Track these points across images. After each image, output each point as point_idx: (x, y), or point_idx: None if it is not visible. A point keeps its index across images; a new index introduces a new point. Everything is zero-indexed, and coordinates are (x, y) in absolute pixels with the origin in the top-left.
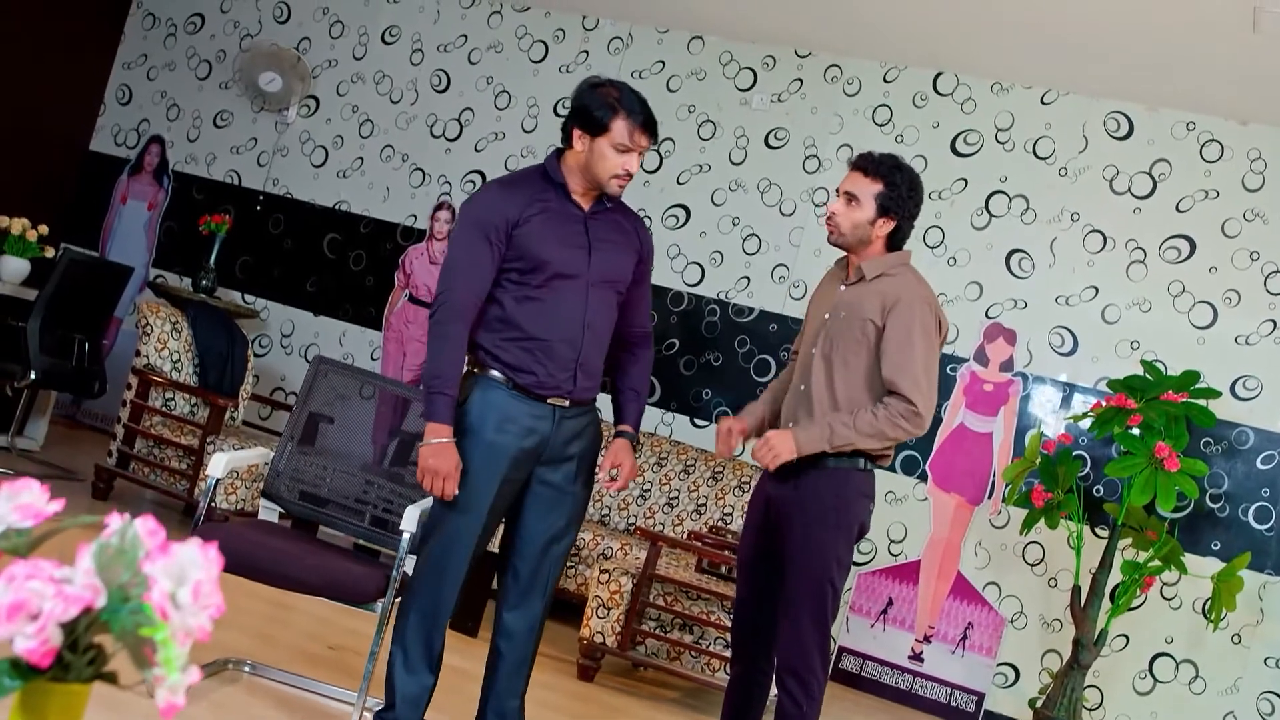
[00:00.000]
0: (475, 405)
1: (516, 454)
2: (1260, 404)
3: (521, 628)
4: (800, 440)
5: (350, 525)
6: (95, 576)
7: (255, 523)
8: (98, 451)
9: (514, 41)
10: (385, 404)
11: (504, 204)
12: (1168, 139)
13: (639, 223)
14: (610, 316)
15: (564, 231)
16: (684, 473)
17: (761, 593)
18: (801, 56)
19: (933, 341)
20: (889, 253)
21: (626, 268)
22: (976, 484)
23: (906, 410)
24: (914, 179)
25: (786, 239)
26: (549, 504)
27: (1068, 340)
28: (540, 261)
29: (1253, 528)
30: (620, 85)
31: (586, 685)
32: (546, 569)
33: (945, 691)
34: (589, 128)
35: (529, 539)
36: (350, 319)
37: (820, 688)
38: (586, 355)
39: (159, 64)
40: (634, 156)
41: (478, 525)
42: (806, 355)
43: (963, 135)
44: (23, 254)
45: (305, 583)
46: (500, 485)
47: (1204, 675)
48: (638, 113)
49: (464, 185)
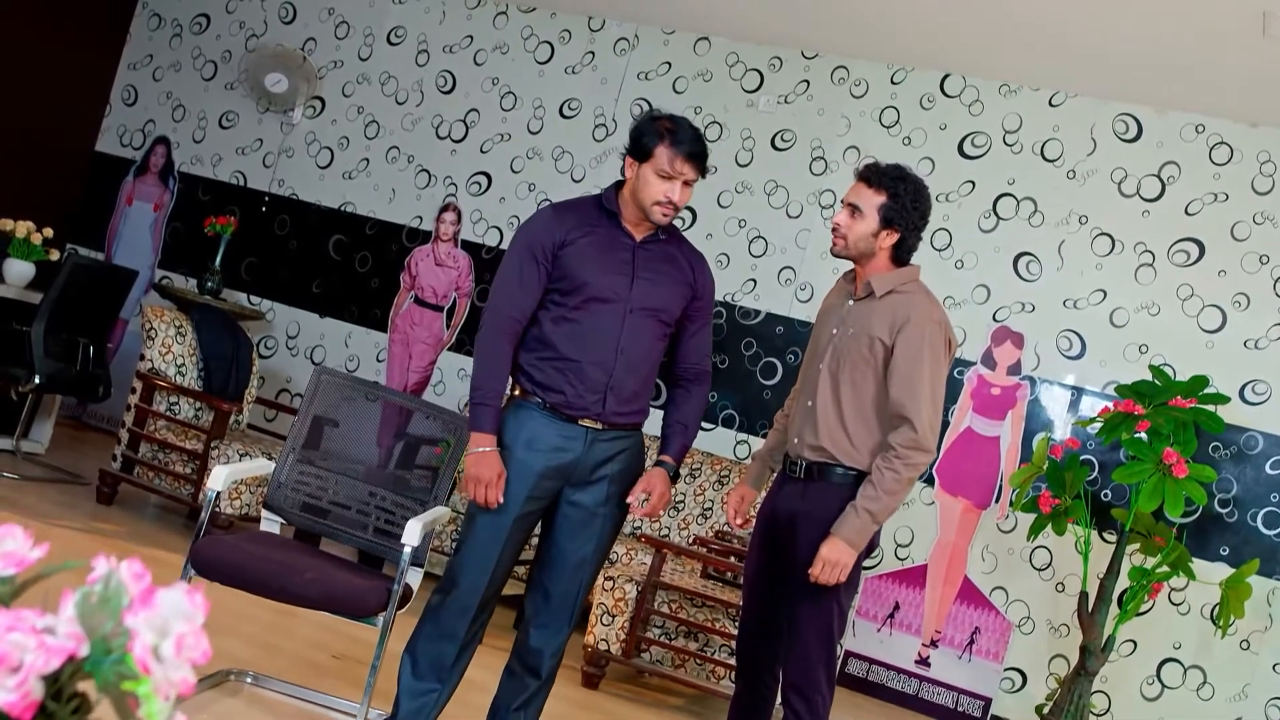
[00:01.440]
0: (510, 425)
1: (543, 470)
2: (1269, 408)
3: (546, 648)
4: (848, 537)
5: (352, 537)
6: (78, 625)
7: (256, 535)
8: (103, 453)
9: (519, 42)
10: (388, 413)
11: (553, 226)
12: (1177, 141)
13: (698, 261)
14: (651, 345)
15: (609, 257)
16: (689, 477)
17: (767, 608)
18: (808, 58)
19: (941, 365)
20: (896, 265)
21: (672, 300)
22: (984, 488)
23: (910, 442)
24: (919, 190)
25: (793, 241)
26: (578, 525)
27: (1076, 344)
28: (579, 283)
29: (1262, 533)
30: (678, 119)
31: (591, 693)
32: (574, 590)
33: (952, 696)
34: (637, 154)
35: (560, 559)
36: (356, 321)
37: (826, 706)
38: (619, 379)
39: (165, 65)
40: (677, 185)
41: (500, 539)
42: (813, 370)
43: (970, 137)
44: (27, 257)
45: (305, 597)
46: (526, 501)
47: (1212, 681)
48: (684, 143)
49: (469, 187)
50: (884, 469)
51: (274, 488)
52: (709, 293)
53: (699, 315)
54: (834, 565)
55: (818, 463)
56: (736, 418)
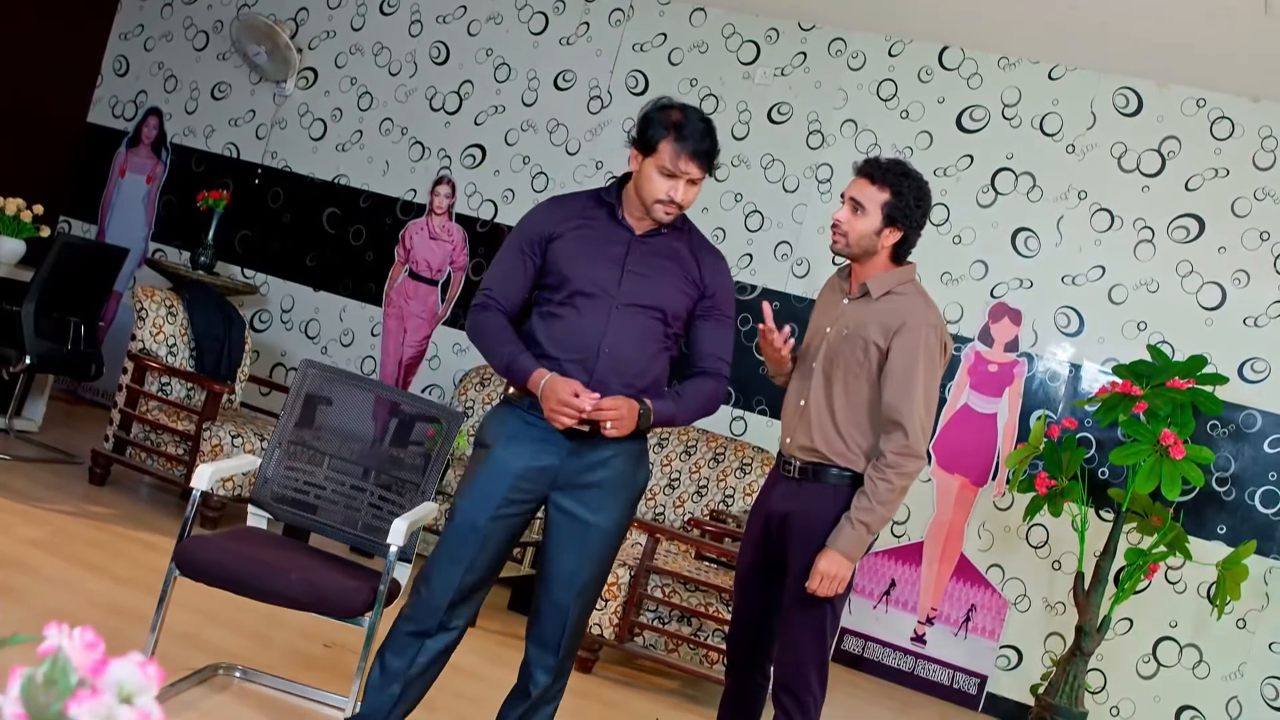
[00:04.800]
0: (492, 423)
1: (522, 471)
2: (1268, 386)
3: (537, 665)
4: (845, 550)
5: (340, 532)
6: (21, 706)
7: (243, 532)
8: (97, 430)
9: (513, 13)
10: (379, 408)
11: (546, 218)
12: (1177, 116)
13: (709, 255)
14: (643, 343)
15: (600, 251)
16: (685, 454)
17: (759, 607)
18: (805, 29)
19: (936, 369)
20: (894, 264)
21: (670, 297)
22: (980, 465)
23: (903, 449)
24: (921, 187)
25: (789, 216)
26: (570, 537)
27: (1074, 320)
28: (563, 277)
29: (1259, 511)
30: (689, 110)
31: (584, 677)
32: (565, 606)
33: (948, 674)
34: (642, 146)
35: (549, 570)
36: (350, 294)
37: (817, 707)
38: (601, 379)
39: (156, 35)
40: (680, 184)
41: (473, 538)
42: (807, 367)
43: (968, 111)
44: (18, 234)
45: (291, 598)
46: (502, 502)
47: (1208, 659)
48: (690, 139)
49: (463, 159)
50: (877, 479)
51: (260, 483)
52: (723, 289)
53: (711, 313)
54: (831, 578)
55: (811, 463)
56: (733, 394)
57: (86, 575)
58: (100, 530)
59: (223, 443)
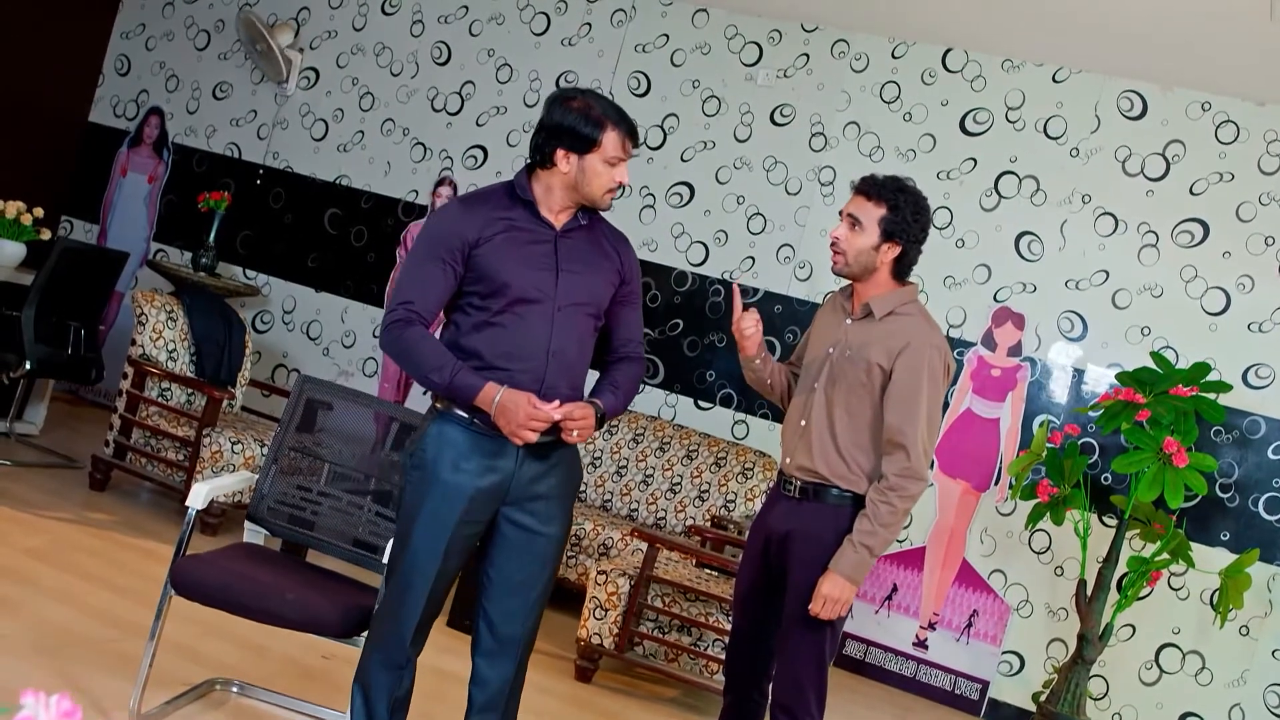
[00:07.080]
0: (431, 442)
1: (474, 494)
2: (1272, 393)
3: (496, 679)
4: (847, 573)
5: (336, 548)
6: None
7: (239, 550)
8: (98, 432)
9: (515, 13)
10: (378, 424)
11: (463, 223)
12: (1182, 119)
13: (621, 243)
14: (583, 342)
15: (529, 252)
16: (686, 458)
17: (759, 625)
18: (808, 31)
19: (939, 391)
20: (895, 282)
21: (601, 291)
22: (983, 470)
23: (905, 471)
24: (919, 202)
25: (792, 218)
26: (519, 547)
27: (1077, 325)
28: (500, 284)
29: (1263, 518)
30: (595, 95)
31: (584, 687)
32: (522, 618)
33: (950, 679)
34: (576, 146)
35: (500, 582)
36: (352, 295)
37: None
38: (551, 385)
39: (157, 34)
40: (624, 167)
41: (432, 568)
42: (808, 387)
43: (972, 114)
44: (18, 237)
45: (285, 618)
46: (457, 526)
47: (1211, 667)
48: (624, 122)
49: (465, 160)
50: (879, 502)
51: (257, 499)
52: (636, 275)
53: (628, 299)
54: (834, 601)
55: (812, 483)
56: (734, 397)
57: (85, 586)
58: (99, 538)
59: (223, 449)
